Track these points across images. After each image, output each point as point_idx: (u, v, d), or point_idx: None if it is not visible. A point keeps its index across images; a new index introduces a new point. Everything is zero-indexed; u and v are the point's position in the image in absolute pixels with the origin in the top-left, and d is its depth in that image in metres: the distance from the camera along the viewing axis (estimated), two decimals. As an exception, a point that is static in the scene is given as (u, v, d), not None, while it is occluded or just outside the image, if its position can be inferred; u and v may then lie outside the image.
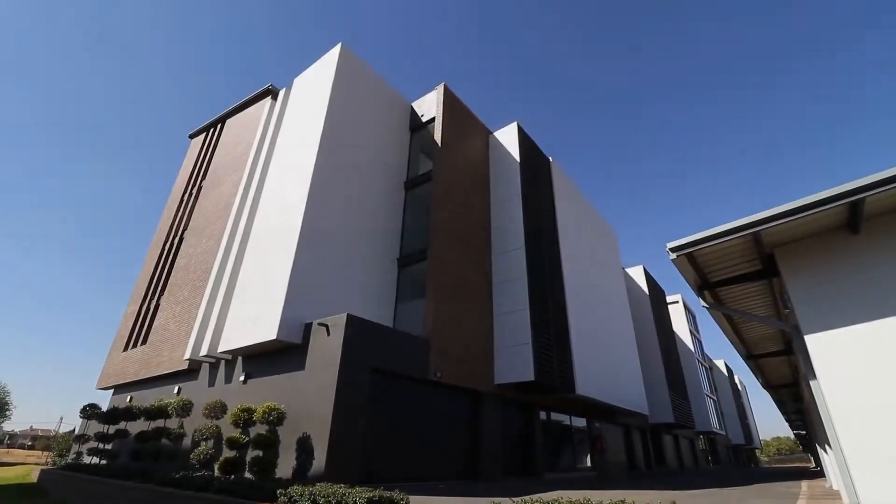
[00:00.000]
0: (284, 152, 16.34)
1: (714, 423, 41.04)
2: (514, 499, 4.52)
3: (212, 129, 24.78)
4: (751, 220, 4.88)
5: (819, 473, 22.36)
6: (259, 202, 15.81)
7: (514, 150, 21.05)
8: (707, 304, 5.98)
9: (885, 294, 4.56)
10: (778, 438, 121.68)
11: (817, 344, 4.72)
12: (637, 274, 36.55)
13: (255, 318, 12.09)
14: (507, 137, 21.75)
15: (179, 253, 20.17)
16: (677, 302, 44.04)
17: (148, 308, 19.81)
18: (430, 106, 19.56)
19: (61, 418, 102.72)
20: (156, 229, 24.46)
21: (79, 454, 15.68)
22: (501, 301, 17.65)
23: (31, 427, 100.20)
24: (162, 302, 18.93)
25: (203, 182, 22.22)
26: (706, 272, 5.86)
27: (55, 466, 15.13)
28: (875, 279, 4.70)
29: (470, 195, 18.92)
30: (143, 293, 20.86)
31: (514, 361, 16.14)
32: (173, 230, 22.22)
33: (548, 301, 18.43)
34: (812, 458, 42.50)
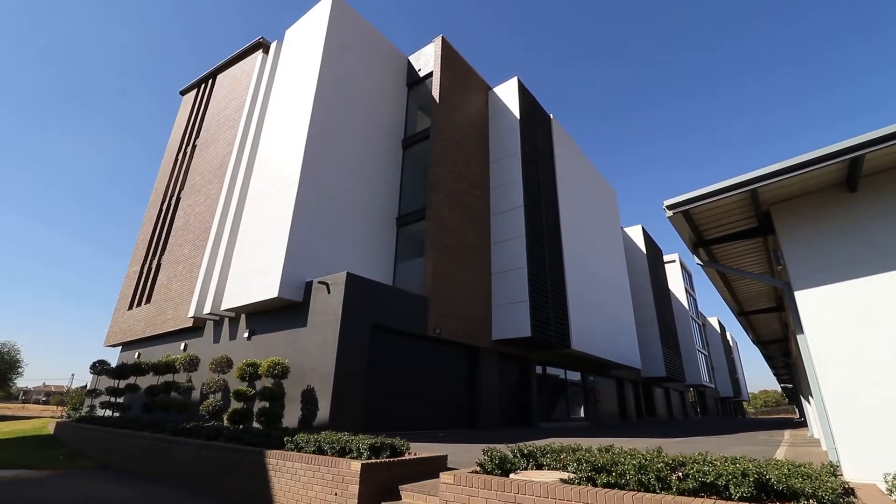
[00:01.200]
0: (278, 109, 15.94)
1: (704, 377, 42.49)
2: (508, 445, 4.77)
3: (203, 85, 24.02)
4: (749, 177, 4.87)
5: (802, 424, 23.41)
6: (255, 161, 15.60)
7: (514, 106, 20.52)
8: (701, 261, 6.06)
9: (876, 252, 4.62)
10: (765, 391, 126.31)
11: (806, 300, 4.84)
12: (635, 233, 36.64)
13: (256, 277, 12.25)
14: (507, 93, 21.14)
15: (177, 213, 20.12)
16: (674, 261, 44.46)
17: (150, 268, 20.00)
18: (427, 60, 18.87)
19: (73, 375, 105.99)
20: (153, 188, 24.28)
21: (92, 408, 16.33)
22: (500, 260, 17.81)
23: (44, 383, 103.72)
24: (163, 262, 19.09)
25: (197, 140, 21.81)
26: (702, 230, 5.90)
27: (70, 419, 15.74)
28: (869, 237, 4.74)
29: (469, 153, 18.64)
30: (144, 253, 21.00)
31: (512, 318, 16.50)
32: (170, 190, 22.05)
33: (546, 259, 18.59)
34: (796, 410, 44.35)
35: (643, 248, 35.57)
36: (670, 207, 5.20)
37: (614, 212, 30.79)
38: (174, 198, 21.12)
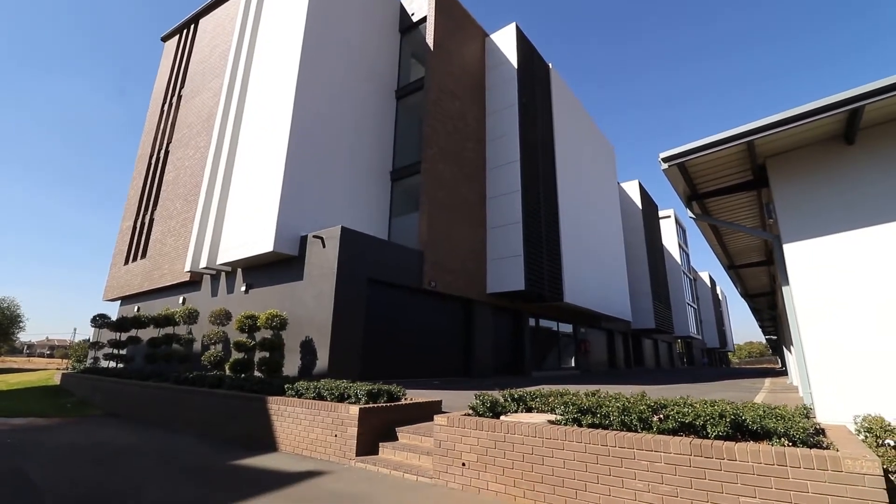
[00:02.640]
0: (265, 56, 15.22)
1: (692, 329, 43.84)
2: (500, 391, 4.98)
3: (185, 31, 22.79)
4: (747, 129, 4.79)
5: (783, 373, 24.46)
6: (243, 112, 15.09)
7: (511, 55, 19.71)
8: (695, 214, 6.08)
9: (868, 205, 4.64)
10: (750, 343, 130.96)
11: (794, 252, 4.91)
12: (632, 188, 36.46)
13: (250, 231, 12.22)
14: (505, 41, 20.22)
15: (167, 167, 19.70)
16: (669, 217, 44.59)
17: (143, 223, 19.85)
18: (420, 3, 17.88)
19: (75, 329, 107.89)
20: (140, 142, 23.62)
21: (95, 360, 16.73)
22: (495, 215, 17.78)
23: (47, 337, 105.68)
24: (155, 216, 18.92)
25: (182, 91, 20.98)
26: (696, 183, 5.87)
27: (75, 371, 16.16)
28: (862, 190, 4.75)
29: (464, 105, 18.10)
30: (136, 208, 20.76)
31: (506, 272, 16.72)
32: (157, 143, 21.47)
33: (541, 214, 18.58)
34: (778, 360, 46.21)
35: (639, 204, 35.54)
36: (666, 160, 5.15)
37: (611, 167, 30.46)
38: (163, 151, 20.61)
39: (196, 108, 18.88)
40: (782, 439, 3.14)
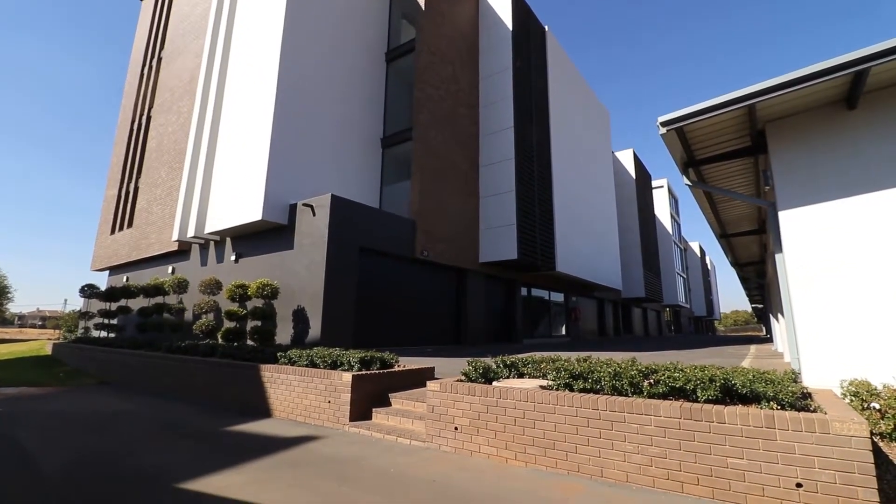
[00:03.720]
0: (248, 15, 14.47)
1: (681, 298, 44.64)
2: (492, 357, 4.99)
3: (162, -13, 21.56)
4: (748, 92, 4.64)
5: (767, 340, 25.12)
6: (226, 75, 14.48)
7: (506, 15, 18.97)
8: (690, 181, 5.99)
9: (868, 171, 4.58)
10: (736, 311, 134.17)
11: (789, 219, 4.87)
12: (626, 157, 36.17)
13: (238, 200, 11.95)
14: (500, 0, 19.42)
15: (149, 133, 19.06)
16: (662, 186, 44.55)
17: (127, 191, 19.36)
18: (412, -42, 16.98)
19: (66, 300, 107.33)
20: (120, 107, 22.74)
21: (86, 330, 16.65)
22: (488, 183, 17.56)
23: (38, 308, 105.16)
24: (140, 185, 18.44)
25: (162, 52, 20.05)
26: (694, 149, 5.75)
27: (66, 341, 16.09)
28: (862, 156, 4.67)
29: (457, 69, 17.52)
30: (120, 176, 20.21)
31: (499, 241, 16.68)
32: (138, 109, 20.70)
33: (534, 183, 18.39)
34: (763, 328, 47.43)
35: (633, 173, 35.36)
36: (664, 124, 5.01)
37: (606, 134, 30.06)
38: (144, 117, 19.90)
39: (177, 71, 18.10)
40: (771, 403, 3.17)
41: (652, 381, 3.76)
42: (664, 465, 3.21)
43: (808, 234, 4.69)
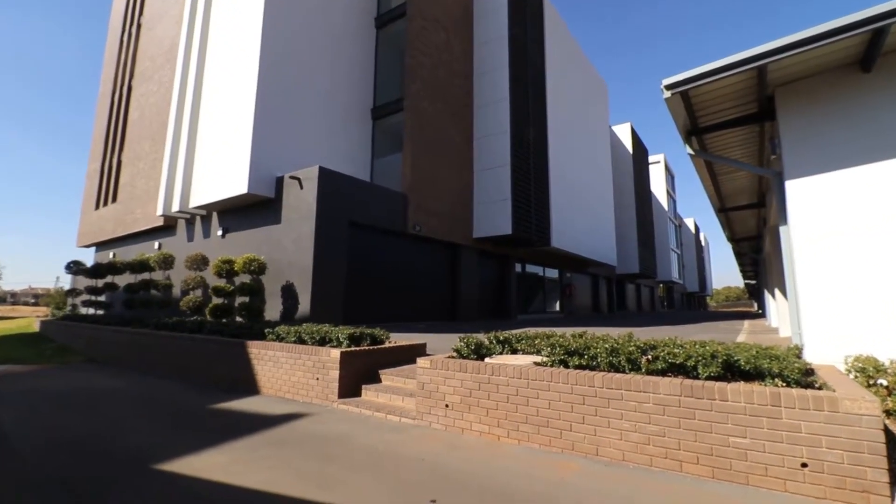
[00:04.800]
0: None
1: (675, 274, 44.93)
2: (485, 333, 4.82)
3: (138, -54, 20.35)
4: (760, 52, 4.35)
5: (760, 315, 25.37)
6: (207, 42, 13.78)
7: (502, -21, 18.15)
8: (693, 150, 5.73)
9: (881, 138, 4.35)
10: (728, 287, 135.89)
11: (795, 189, 4.66)
12: (623, 131, 35.63)
13: (223, 173, 11.53)
14: (496, -37, 18.54)
15: (131, 105, 18.35)
16: (659, 162, 44.18)
17: (110, 165, 18.77)
18: (403, -85, 16.04)
19: (58, 277, 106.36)
20: (100, 78, 21.83)
21: (74, 306, 16.39)
22: (482, 156, 17.16)
23: (30, 286, 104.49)
24: (123, 158, 17.86)
25: (141, 18, 19.10)
26: (698, 115, 5.47)
27: (54, 318, 15.85)
28: (876, 122, 4.43)
29: (451, 36, 16.84)
30: (102, 150, 19.57)
31: (493, 216, 16.42)
32: (118, 79, 19.87)
33: (530, 156, 18.01)
34: (755, 304, 48.00)
35: (630, 148, 34.90)
36: (669, 87, 4.71)
37: (604, 107, 29.46)
38: (125, 87, 19.10)
39: (157, 38, 17.28)
40: (776, 380, 3.02)
41: (650, 357, 3.61)
42: (662, 444, 3.08)
43: (816, 203, 4.48)
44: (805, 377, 3.07)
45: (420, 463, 3.34)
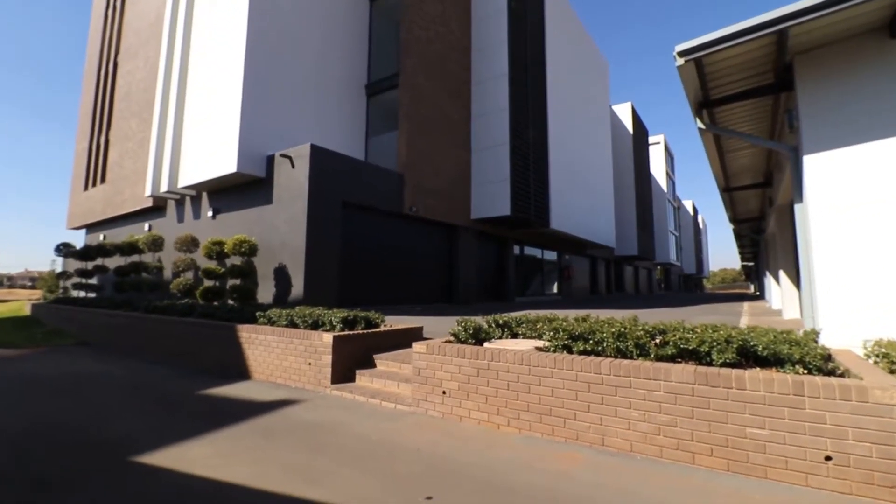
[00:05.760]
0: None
1: (672, 256, 44.85)
2: (484, 316, 4.60)
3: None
4: (781, 14, 4.02)
5: (758, 297, 25.35)
6: (193, 13, 13.15)
7: (502, -51, 17.40)
8: (703, 125, 5.43)
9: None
10: (724, 269, 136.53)
11: (814, 165, 4.39)
12: (623, 111, 34.99)
13: (212, 152, 11.13)
14: (495, -69, 17.75)
15: (117, 82, 17.72)
16: (658, 143, 43.63)
17: (98, 144, 18.25)
18: None
19: (53, 260, 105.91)
20: (85, 55, 21.08)
21: (65, 289, 16.13)
22: (481, 135, 16.72)
23: (27, 269, 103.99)
24: (111, 137, 17.34)
25: (126, -11, 18.30)
26: (710, 86, 5.16)
27: (45, 301, 15.60)
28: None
29: (447, 8, 16.20)
30: (90, 129, 19.01)
31: (492, 197, 16.09)
32: (104, 55, 19.17)
33: (529, 135, 17.58)
34: (751, 286, 48.10)
35: (630, 128, 34.33)
36: (682, 54, 4.39)
37: (604, 86, 28.82)
38: (111, 63, 18.44)
39: (142, 11, 16.58)
40: (796, 366, 2.82)
41: (658, 341, 3.41)
42: (674, 435, 2.89)
43: (836, 179, 4.22)
44: (825, 363, 2.87)
45: (416, 454, 3.15)
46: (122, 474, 2.89)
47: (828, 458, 2.47)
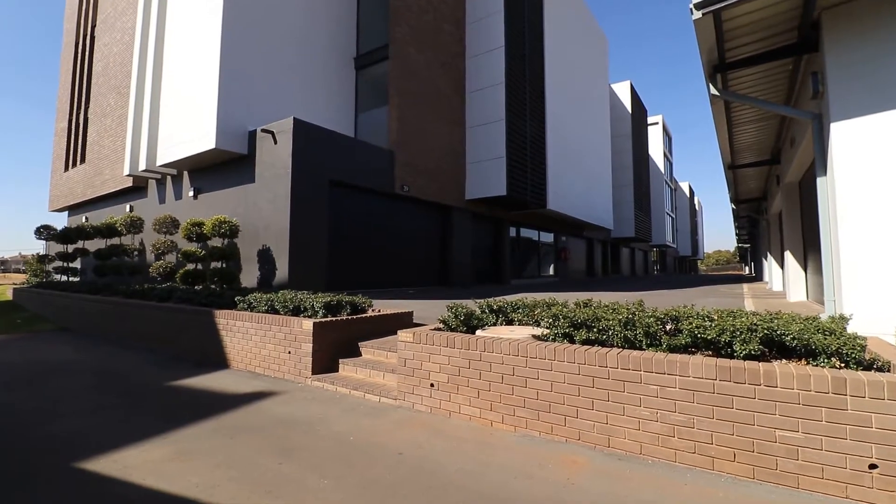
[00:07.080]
0: None
1: (668, 238, 44.62)
2: (476, 300, 4.20)
3: None
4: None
5: (754, 279, 25.17)
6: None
7: (498, -87, 16.46)
8: (717, 90, 4.97)
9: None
10: (718, 251, 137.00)
11: (843, 133, 3.96)
12: (622, 90, 34.18)
13: (189, 127, 10.52)
14: None
15: (94, 56, 16.88)
16: (657, 123, 42.93)
17: (77, 123, 17.51)
18: None
19: (45, 243, 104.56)
20: (63, 28, 20.08)
21: (47, 273, 15.63)
22: (475, 111, 16.10)
23: (20, 253, 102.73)
24: (90, 115, 16.59)
25: (100, -45, 17.28)
26: (727, 46, 4.68)
27: (27, 285, 15.13)
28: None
29: (442, -23, 15.39)
30: (68, 107, 18.21)
31: (487, 176, 15.58)
32: (81, 28, 18.25)
33: (526, 112, 16.96)
34: (747, 268, 48.09)
35: (629, 108, 33.58)
36: (699, 6, 3.91)
37: (604, 63, 28.00)
38: (88, 37, 17.55)
39: (118, -22, 15.65)
40: (832, 359, 2.45)
41: (669, 327, 3.03)
42: (690, 437, 2.53)
43: (869, 150, 3.79)
44: (864, 355, 2.50)
45: (397, 458, 2.78)
46: (53, 485, 2.51)
47: (872, 467, 2.12)
